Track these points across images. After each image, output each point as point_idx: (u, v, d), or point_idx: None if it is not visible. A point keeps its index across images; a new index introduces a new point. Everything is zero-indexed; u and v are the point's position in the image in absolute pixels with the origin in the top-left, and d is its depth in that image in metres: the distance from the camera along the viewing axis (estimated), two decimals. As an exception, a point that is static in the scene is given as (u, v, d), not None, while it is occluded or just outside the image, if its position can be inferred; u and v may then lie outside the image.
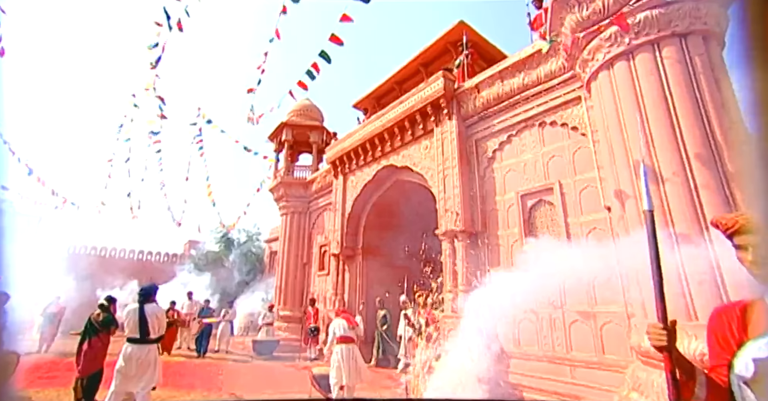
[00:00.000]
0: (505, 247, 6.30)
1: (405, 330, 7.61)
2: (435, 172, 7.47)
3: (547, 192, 5.85)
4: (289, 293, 12.37)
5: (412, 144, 8.33)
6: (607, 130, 4.65)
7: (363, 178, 9.94)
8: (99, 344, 5.02)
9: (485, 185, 6.85)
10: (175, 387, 5.85)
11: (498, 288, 5.04)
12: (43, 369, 6.31)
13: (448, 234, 6.90)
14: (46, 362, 7.10)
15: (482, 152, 7.00)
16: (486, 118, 6.92)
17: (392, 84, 10.80)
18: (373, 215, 10.27)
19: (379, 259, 10.30)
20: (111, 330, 5.13)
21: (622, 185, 4.38)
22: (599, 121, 4.90)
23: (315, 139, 13.93)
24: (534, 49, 6.00)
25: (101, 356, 5.04)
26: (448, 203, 7.00)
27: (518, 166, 6.36)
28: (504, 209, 6.46)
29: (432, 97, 7.44)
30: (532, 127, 6.24)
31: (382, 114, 9.00)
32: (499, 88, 6.56)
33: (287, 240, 13.02)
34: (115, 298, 5.40)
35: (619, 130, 4.43)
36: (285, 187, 13.23)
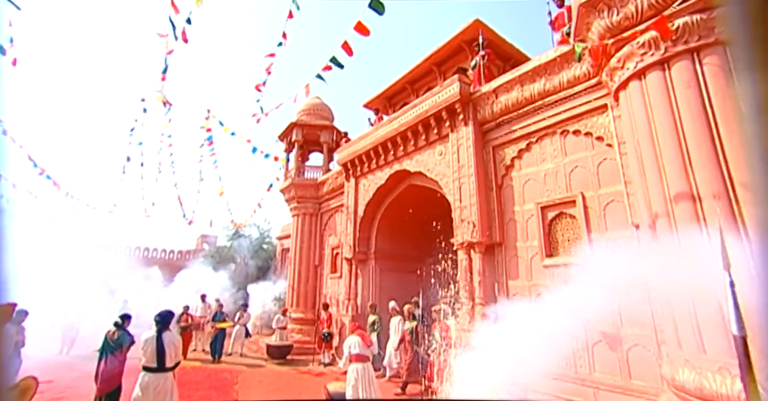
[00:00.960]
0: (524, 260, 6.08)
1: (394, 339, 7.51)
2: (450, 180, 7.24)
3: (568, 204, 5.59)
4: (301, 295, 12.38)
5: (426, 148, 8.09)
6: (637, 144, 4.36)
7: (375, 182, 9.76)
8: (116, 362, 5.03)
9: (503, 194, 6.61)
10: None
11: (521, 316, 4.83)
12: (57, 389, 6.38)
13: (465, 245, 6.70)
14: (62, 378, 7.18)
15: (500, 159, 6.73)
16: (504, 124, 6.63)
17: (404, 84, 10.51)
18: (385, 219, 10.11)
19: (392, 264, 10.19)
20: (126, 347, 5.13)
21: (654, 203, 4.11)
22: (628, 132, 4.60)
23: (325, 138, 13.75)
24: (556, 53, 5.67)
25: (118, 374, 5.05)
26: (464, 213, 6.79)
27: (538, 176, 6.09)
28: (523, 220, 6.22)
29: (447, 101, 7.16)
30: (553, 135, 5.95)
31: (395, 117, 8.75)
32: (518, 94, 6.26)
33: (299, 241, 12.98)
34: (129, 315, 5.39)
35: (651, 145, 4.14)
36: (296, 189, 13.14)
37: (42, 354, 8.64)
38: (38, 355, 8.25)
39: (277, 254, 22.84)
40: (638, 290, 4.40)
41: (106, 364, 4.96)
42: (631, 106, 4.43)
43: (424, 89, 10.30)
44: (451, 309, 6.63)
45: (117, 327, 5.14)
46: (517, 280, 6.10)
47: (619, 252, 4.69)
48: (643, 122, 4.23)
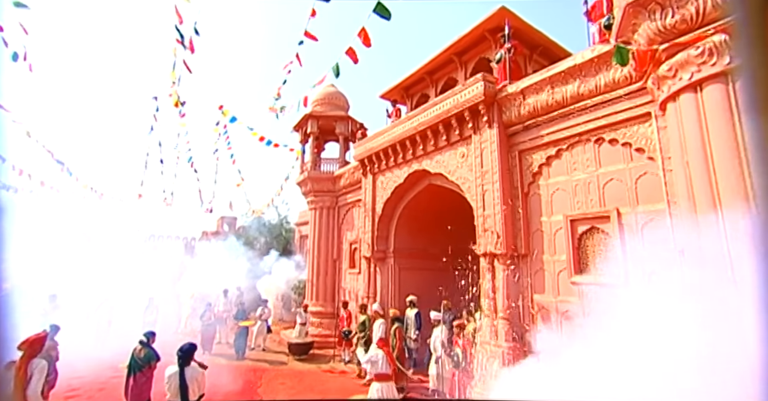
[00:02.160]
0: (551, 274, 5.81)
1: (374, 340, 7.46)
2: (473, 185, 6.90)
3: (601, 219, 5.22)
4: (320, 288, 12.50)
5: (447, 149, 7.71)
6: (686, 164, 3.93)
7: (393, 180, 9.49)
8: (143, 379, 5.16)
9: (530, 203, 6.26)
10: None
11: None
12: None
13: (488, 255, 6.46)
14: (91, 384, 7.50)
15: (527, 165, 6.33)
16: (532, 127, 6.18)
17: (422, 74, 9.95)
18: (404, 218, 9.90)
19: (412, 262, 10.07)
20: (153, 364, 5.24)
21: (705, 233, 3.73)
22: (676, 147, 4.15)
23: (341, 130, 13.40)
24: (594, 53, 5.12)
25: (146, 389, 5.19)
26: (487, 221, 6.50)
27: (568, 186, 5.70)
28: (550, 232, 5.90)
29: (470, 101, 6.71)
30: (586, 143, 5.50)
31: (414, 115, 8.33)
32: (548, 96, 5.77)
33: (317, 235, 12.98)
34: (154, 333, 5.48)
35: (704, 166, 3.71)
36: (312, 182, 13.00)
37: (77, 348, 9.08)
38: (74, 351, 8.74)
39: (296, 240, 23.15)
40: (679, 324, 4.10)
41: (135, 381, 5.10)
42: (681, 120, 3.96)
43: (444, 80, 9.75)
44: (473, 320, 6.49)
45: (143, 345, 5.25)
46: (543, 295, 5.87)
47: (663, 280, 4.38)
48: (695, 140, 3.78)
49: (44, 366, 4.02)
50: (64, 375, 6.48)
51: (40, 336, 4.19)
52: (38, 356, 4.07)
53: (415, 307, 8.97)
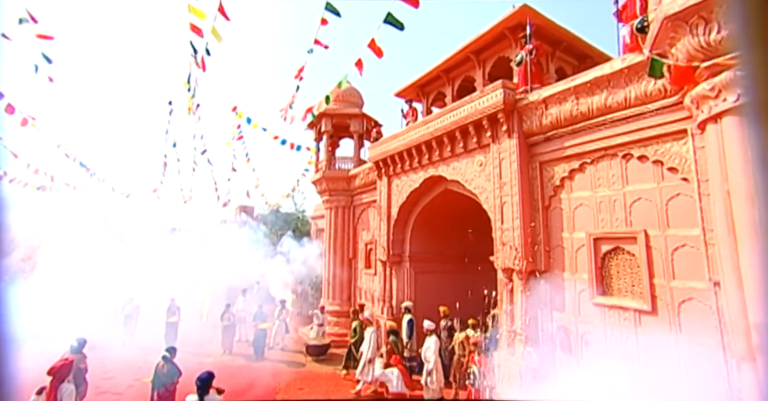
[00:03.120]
0: (572, 292, 5.62)
1: (367, 350, 7.43)
2: (491, 196, 6.68)
3: (627, 240, 4.96)
4: (336, 287, 12.62)
5: (464, 157, 7.46)
6: (728, 193, 3.63)
7: (409, 184, 9.32)
8: (166, 394, 5.33)
9: (550, 217, 6.02)
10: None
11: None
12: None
13: (506, 269, 6.30)
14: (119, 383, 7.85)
15: (548, 178, 6.06)
16: (554, 138, 5.87)
17: (438, 72, 9.60)
18: (420, 222, 9.77)
19: (428, 266, 9.99)
20: (176, 380, 5.40)
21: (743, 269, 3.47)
22: (715, 172, 3.82)
23: (356, 127, 13.22)
24: (624, 63, 4.75)
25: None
26: (505, 235, 6.30)
27: (591, 202, 5.43)
28: (571, 249, 5.67)
29: (488, 109, 6.42)
30: (613, 158, 5.18)
31: (430, 120, 8.08)
32: (572, 106, 5.43)
33: (333, 234, 13.02)
34: (175, 348, 5.63)
35: (746, 193, 3.42)
36: (327, 181, 12.96)
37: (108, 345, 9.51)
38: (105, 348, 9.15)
39: (312, 233, 23.37)
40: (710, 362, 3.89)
41: (159, 396, 5.28)
42: (723, 144, 3.63)
43: (461, 78, 9.39)
44: (490, 336, 6.40)
45: (165, 361, 5.40)
46: (563, 313, 5.70)
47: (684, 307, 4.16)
48: (740, 169, 3.46)
49: (72, 390, 4.18)
50: (95, 374, 6.82)
51: (67, 361, 4.35)
52: (66, 380, 4.23)
53: (410, 314, 8.99)
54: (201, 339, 10.71)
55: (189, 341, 10.44)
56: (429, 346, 6.69)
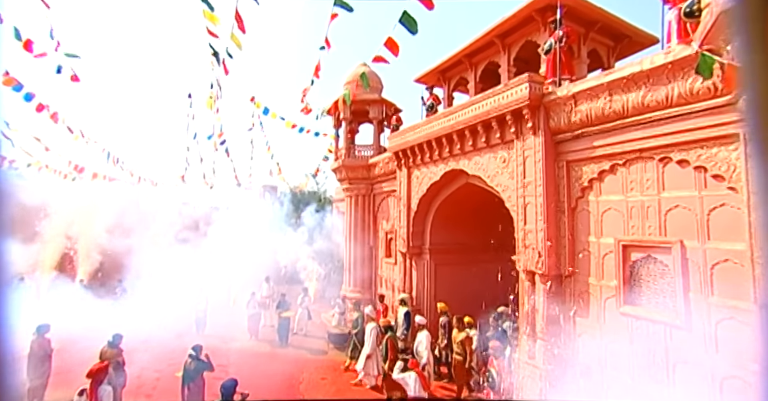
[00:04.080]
0: (597, 299, 5.40)
1: (367, 345, 7.44)
2: (514, 195, 6.41)
3: (661, 250, 4.65)
4: (357, 275, 12.79)
5: (486, 152, 7.14)
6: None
7: (429, 176, 9.10)
8: (196, 388, 5.63)
9: (577, 220, 5.73)
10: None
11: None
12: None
13: (528, 272, 6.12)
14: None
15: (575, 178, 5.72)
16: (583, 137, 5.47)
17: (461, 57, 9.08)
18: (441, 214, 9.60)
19: (448, 258, 9.90)
20: (203, 375, 5.69)
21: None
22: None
23: (375, 113, 12.92)
24: (668, 58, 4.27)
25: (201, 396, 5.68)
26: (528, 237, 6.08)
27: (622, 206, 5.09)
28: (598, 254, 5.40)
29: (513, 104, 6.03)
30: (648, 161, 4.79)
31: (451, 112, 7.73)
32: (605, 104, 5.00)
33: (353, 222, 13.07)
34: (201, 346, 5.88)
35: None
36: (347, 170, 12.87)
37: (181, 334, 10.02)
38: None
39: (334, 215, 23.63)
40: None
41: (189, 390, 5.59)
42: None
43: (484, 64, 8.86)
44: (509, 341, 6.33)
45: (192, 358, 5.67)
46: (587, 319, 5.52)
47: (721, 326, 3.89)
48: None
49: (109, 392, 4.49)
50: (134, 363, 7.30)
51: (103, 365, 4.63)
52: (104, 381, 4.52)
53: (406, 306, 9.16)
54: (229, 324, 11.21)
55: (217, 326, 10.98)
56: (421, 341, 6.86)
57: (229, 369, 8.39)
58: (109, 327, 8.62)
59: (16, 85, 9.21)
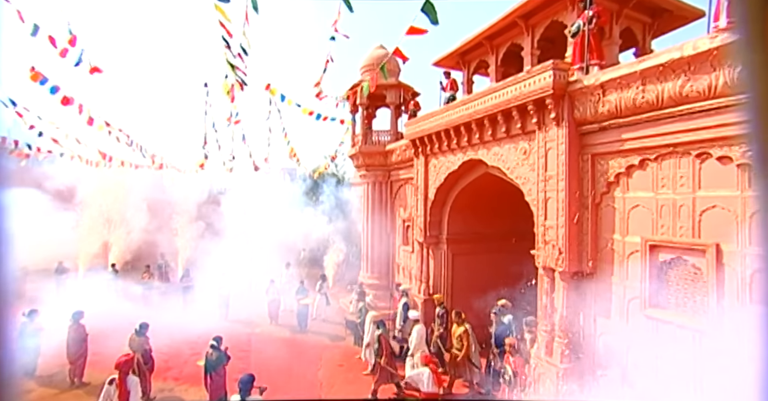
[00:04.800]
0: (620, 299, 5.18)
1: (366, 335, 7.38)
2: (534, 188, 6.13)
3: (693, 252, 4.36)
4: (375, 262, 12.86)
5: (506, 142, 6.83)
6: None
7: (446, 166, 8.86)
8: (217, 377, 5.89)
9: (601, 216, 5.43)
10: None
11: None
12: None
13: (547, 268, 5.93)
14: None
15: (600, 172, 5.38)
16: (611, 129, 5.10)
17: (481, 40, 8.59)
18: (458, 203, 9.40)
19: (465, 248, 9.77)
20: (224, 365, 5.92)
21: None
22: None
23: (392, 98, 12.59)
24: (713, 42, 3.83)
25: (222, 385, 5.94)
26: (549, 233, 5.84)
27: (651, 204, 4.77)
28: (623, 253, 5.14)
29: (535, 93, 5.66)
30: (683, 156, 4.42)
31: (469, 100, 7.38)
32: (637, 94, 4.60)
33: (370, 209, 13.03)
34: (221, 337, 6.10)
35: None
36: (364, 156, 12.72)
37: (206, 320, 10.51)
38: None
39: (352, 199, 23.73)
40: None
41: (212, 379, 5.85)
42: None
43: (506, 46, 8.35)
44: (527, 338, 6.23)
45: (213, 349, 5.90)
46: (608, 319, 5.33)
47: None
48: None
49: (136, 382, 4.76)
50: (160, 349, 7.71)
51: (129, 357, 4.88)
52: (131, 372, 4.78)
53: (406, 297, 9.26)
54: (251, 309, 11.61)
55: (240, 311, 11.40)
56: (415, 335, 6.91)
57: (251, 354, 8.77)
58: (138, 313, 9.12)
59: (41, 79, 9.46)
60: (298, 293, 10.69)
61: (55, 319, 7.82)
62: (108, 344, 7.58)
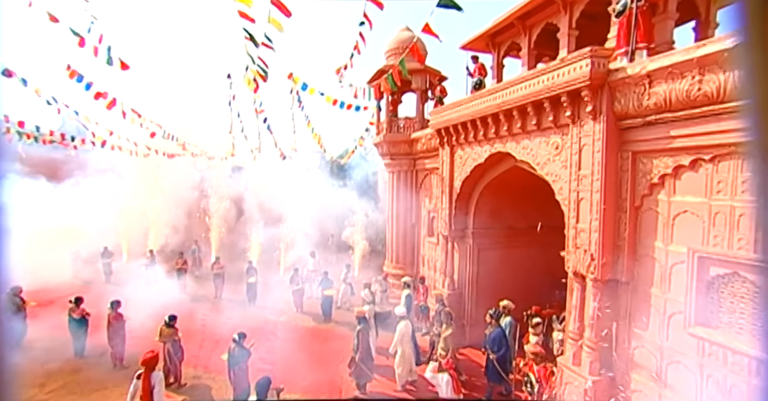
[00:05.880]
0: (659, 312, 4.73)
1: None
2: (566, 187, 5.65)
3: (753, 268, 3.83)
4: (399, 252, 12.77)
5: (536, 135, 6.31)
6: None
7: (472, 157, 8.41)
8: (240, 371, 6.07)
9: (640, 220, 4.92)
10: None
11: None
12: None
13: (578, 274, 5.52)
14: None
15: (642, 172, 4.83)
16: (657, 124, 4.51)
17: (513, 20, 7.88)
18: (485, 197, 8.97)
19: (492, 242, 9.40)
20: (246, 360, 6.09)
21: None
22: None
23: (418, 84, 12.08)
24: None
25: (245, 378, 6.11)
26: (580, 236, 5.40)
27: (703, 211, 4.21)
28: (665, 263, 4.64)
29: (570, 84, 5.10)
30: (745, 158, 3.81)
31: (497, 89, 6.84)
32: (692, 85, 3.98)
33: (395, 198, 12.83)
34: (245, 334, 6.24)
35: None
36: (389, 145, 12.43)
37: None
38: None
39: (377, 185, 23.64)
40: None
41: (235, 373, 6.04)
42: None
43: (541, 26, 7.61)
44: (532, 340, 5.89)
45: (236, 344, 6.06)
46: (645, 332, 4.90)
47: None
48: None
49: (161, 378, 4.96)
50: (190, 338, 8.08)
51: (154, 354, 5.08)
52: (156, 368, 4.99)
53: (409, 289, 9.28)
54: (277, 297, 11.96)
55: (266, 299, 11.76)
56: (397, 331, 6.85)
57: (277, 343, 9.05)
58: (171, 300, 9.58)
59: (77, 76, 9.81)
60: (322, 284, 10.80)
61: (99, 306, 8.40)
62: (149, 329, 8.06)
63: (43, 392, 6.94)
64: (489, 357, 6.08)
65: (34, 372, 7.53)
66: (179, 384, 6.89)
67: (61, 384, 7.22)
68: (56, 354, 8.23)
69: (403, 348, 6.85)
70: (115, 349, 7.78)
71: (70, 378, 7.45)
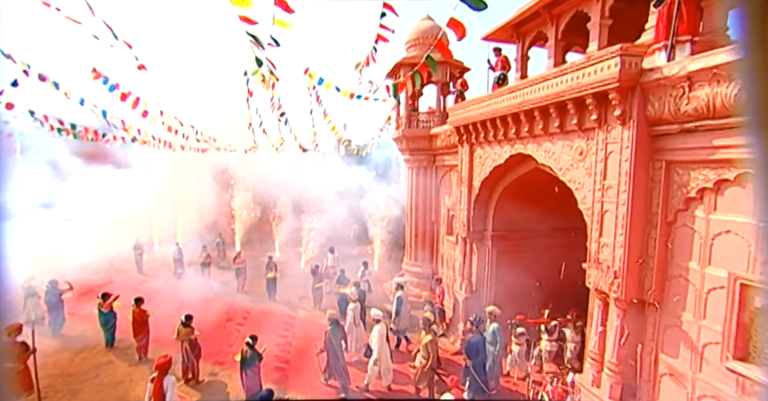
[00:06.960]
0: (691, 340, 4.29)
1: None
2: (590, 196, 5.20)
3: (801, 303, 3.34)
4: (419, 249, 12.56)
5: (559, 138, 5.83)
6: None
7: (492, 157, 7.98)
8: (251, 374, 6.17)
9: (673, 237, 4.44)
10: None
11: None
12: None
13: (600, 291, 5.12)
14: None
15: (678, 184, 4.32)
16: (696, 132, 3.97)
17: (539, 8, 7.26)
18: (505, 199, 8.55)
19: (512, 245, 9.00)
20: (259, 362, 6.18)
21: None
22: None
23: (439, 76, 11.58)
24: None
25: (257, 381, 6.24)
26: (603, 251, 4.97)
27: (746, 231, 3.71)
28: (700, 286, 4.17)
29: (596, 85, 4.60)
30: (802, 176, 3.27)
31: (517, 88, 6.36)
32: (741, 90, 3.44)
33: (414, 195, 12.56)
34: (256, 337, 6.33)
35: None
36: (408, 141, 12.10)
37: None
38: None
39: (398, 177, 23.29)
40: None
41: (247, 375, 6.15)
42: None
43: (570, 15, 6.95)
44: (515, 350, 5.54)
45: (248, 347, 6.15)
46: (676, 360, 4.48)
47: None
48: None
49: (173, 381, 5.09)
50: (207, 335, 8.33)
51: (167, 359, 5.23)
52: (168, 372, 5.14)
53: (401, 290, 9.08)
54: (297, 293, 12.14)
55: (287, 294, 11.97)
56: (374, 335, 6.73)
57: (292, 340, 9.20)
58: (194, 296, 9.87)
59: (102, 78, 10.11)
60: (339, 282, 10.82)
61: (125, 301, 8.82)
62: (172, 322, 8.41)
63: (78, 381, 7.40)
64: (466, 364, 6.01)
65: (69, 360, 8.07)
66: (197, 380, 7.13)
67: (93, 374, 7.67)
68: (90, 343, 8.80)
69: (380, 349, 6.83)
70: (140, 343, 8.17)
71: (101, 369, 7.89)
